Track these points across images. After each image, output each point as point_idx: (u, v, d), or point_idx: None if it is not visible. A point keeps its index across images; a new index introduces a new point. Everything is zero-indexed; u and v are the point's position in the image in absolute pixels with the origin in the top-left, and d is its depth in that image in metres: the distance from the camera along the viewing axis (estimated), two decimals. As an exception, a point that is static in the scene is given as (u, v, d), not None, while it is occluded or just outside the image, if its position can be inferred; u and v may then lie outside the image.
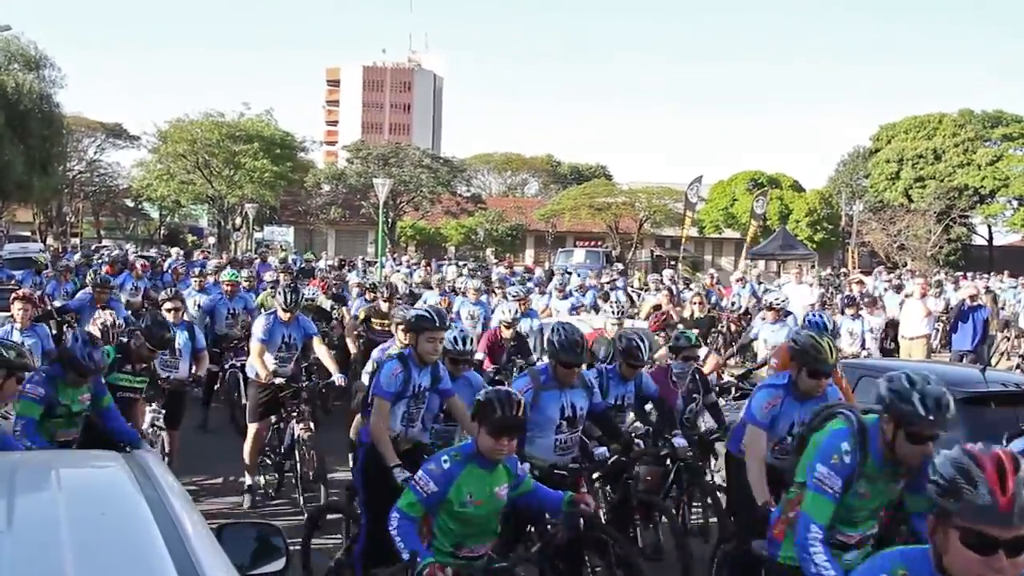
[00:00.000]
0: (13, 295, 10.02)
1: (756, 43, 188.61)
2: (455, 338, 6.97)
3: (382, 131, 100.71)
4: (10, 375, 5.65)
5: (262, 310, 12.27)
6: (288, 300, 9.51)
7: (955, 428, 7.01)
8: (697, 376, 7.97)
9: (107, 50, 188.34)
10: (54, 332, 11.48)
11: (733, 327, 19.53)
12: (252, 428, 9.33)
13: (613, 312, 10.84)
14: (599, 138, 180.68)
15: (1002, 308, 22.75)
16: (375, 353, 9.32)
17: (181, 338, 9.93)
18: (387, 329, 11.21)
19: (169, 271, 20.45)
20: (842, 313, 14.30)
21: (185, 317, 10.84)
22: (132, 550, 2.44)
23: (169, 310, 10.19)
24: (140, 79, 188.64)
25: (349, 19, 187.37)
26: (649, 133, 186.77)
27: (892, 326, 16.93)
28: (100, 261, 23.52)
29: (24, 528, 2.56)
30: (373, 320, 12.69)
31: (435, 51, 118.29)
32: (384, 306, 12.56)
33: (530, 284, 20.70)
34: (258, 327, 9.48)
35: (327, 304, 15.29)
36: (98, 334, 8.58)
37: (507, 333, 11.02)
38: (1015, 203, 57.77)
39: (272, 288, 14.27)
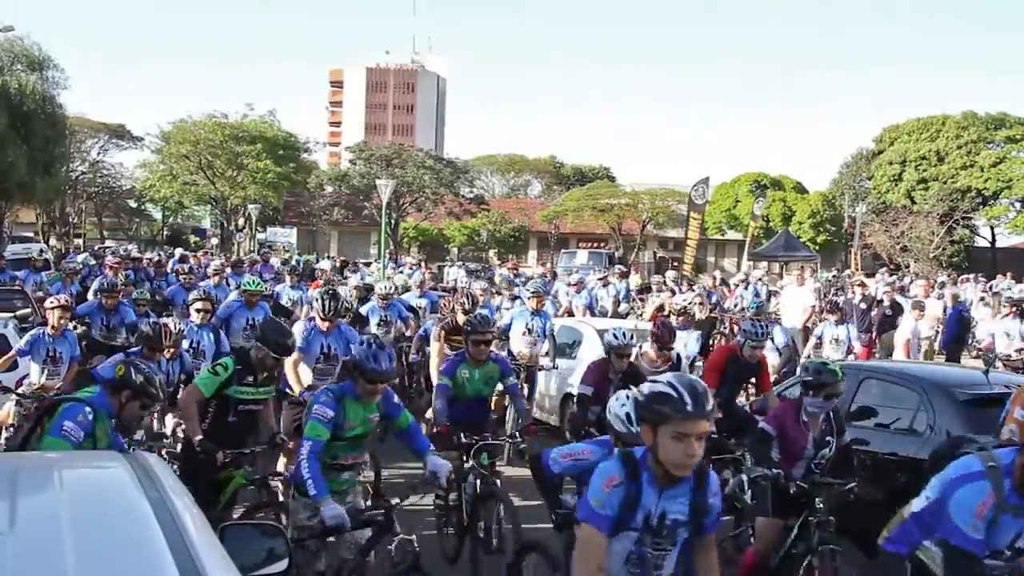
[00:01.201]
0: (53, 303, 9.85)
1: (759, 45, 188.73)
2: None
3: (385, 132, 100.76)
4: (134, 397, 5.73)
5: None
6: (327, 307, 8.81)
7: (960, 430, 7.02)
8: (832, 416, 6.60)
9: (110, 51, 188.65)
10: None
11: (735, 329, 19.52)
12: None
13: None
14: (602, 139, 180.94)
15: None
16: (442, 366, 8.31)
17: (207, 339, 9.89)
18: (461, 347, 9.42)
19: (172, 271, 20.44)
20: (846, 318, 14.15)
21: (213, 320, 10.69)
22: (134, 551, 2.43)
23: (198, 311, 10.01)
24: (143, 80, 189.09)
25: (352, 21, 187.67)
26: (652, 135, 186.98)
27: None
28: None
29: (26, 529, 2.56)
30: (452, 338, 10.32)
31: (438, 52, 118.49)
32: (462, 320, 9.93)
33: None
34: (295, 334, 8.63)
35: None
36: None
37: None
38: (1018, 205, 57.67)
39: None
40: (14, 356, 9.50)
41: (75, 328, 12.45)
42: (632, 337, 8.21)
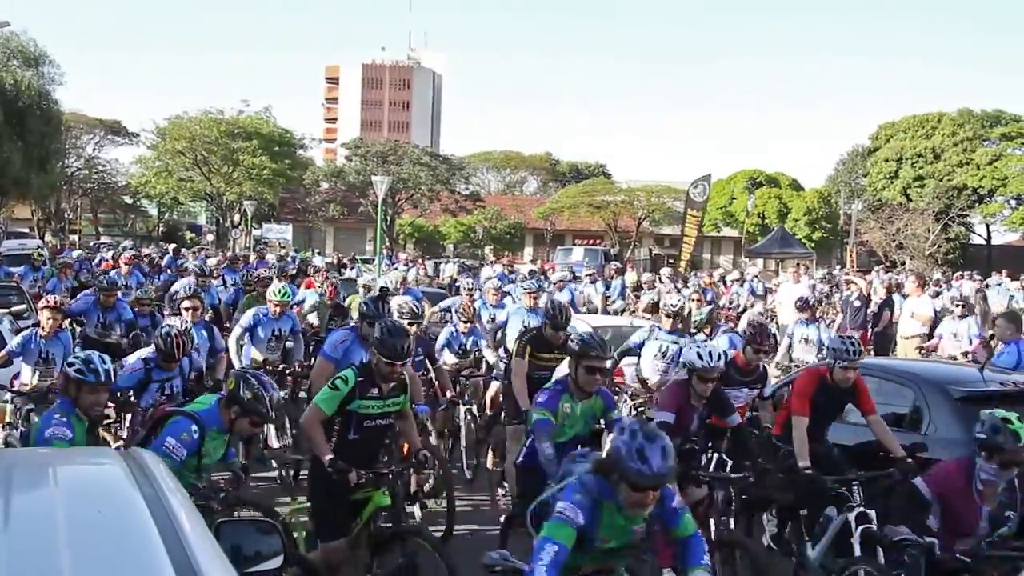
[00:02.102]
0: (43, 304, 9.62)
1: (755, 42, 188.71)
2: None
3: (381, 129, 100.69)
4: (243, 414, 5.66)
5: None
6: (376, 311, 7.66)
7: (955, 427, 7.03)
8: (1017, 484, 5.32)
9: (106, 47, 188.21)
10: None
11: (732, 326, 19.48)
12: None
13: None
14: (598, 136, 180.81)
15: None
16: (539, 397, 6.48)
17: (199, 337, 9.50)
18: (553, 365, 8.12)
19: (166, 268, 20.39)
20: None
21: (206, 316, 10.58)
22: (129, 548, 2.43)
23: (187, 308, 9.81)
24: (139, 76, 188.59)
25: (348, 17, 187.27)
26: (648, 132, 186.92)
27: None
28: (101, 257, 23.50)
29: (21, 526, 2.56)
30: (538, 355, 8.40)
31: (434, 49, 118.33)
32: (557, 336, 8.19)
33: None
34: (332, 344, 7.73)
35: (314, 317, 13.99)
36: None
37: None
38: (1013, 202, 57.77)
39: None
40: (5, 357, 9.34)
41: (71, 327, 12.39)
42: (719, 358, 6.84)
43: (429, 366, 9.68)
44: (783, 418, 7.43)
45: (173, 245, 31.17)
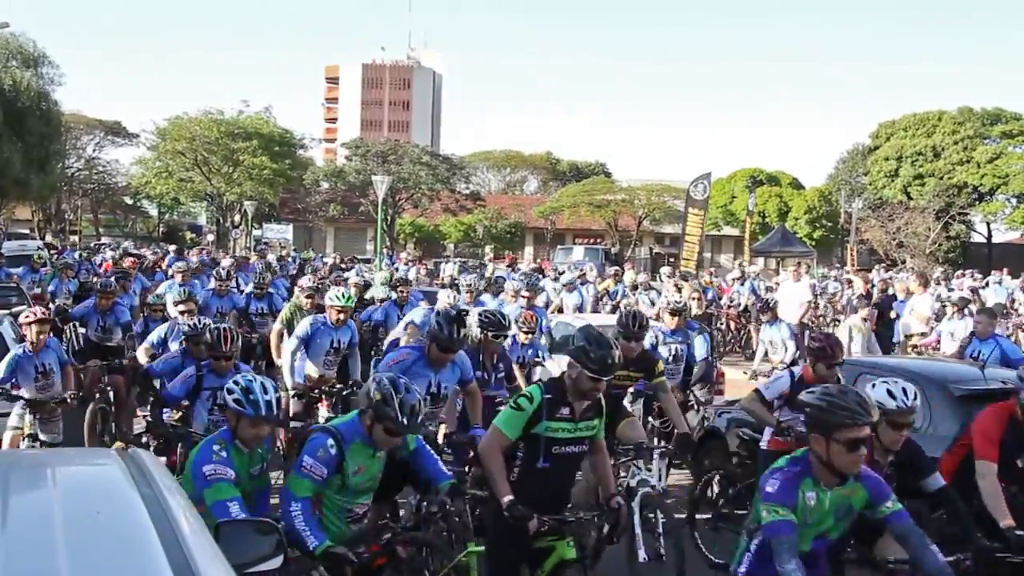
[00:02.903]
0: (30, 317, 8.96)
1: (756, 41, 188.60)
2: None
3: (381, 128, 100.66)
4: (377, 420, 4.87)
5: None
6: (449, 334, 6.70)
7: (955, 425, 7.02)
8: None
9: (106, 48, 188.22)
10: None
11: (733, 324, 19.46)
12: None
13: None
14: (598, 135, 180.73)
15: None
16: (767, 484, 4.66)
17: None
18: (627, 384, 7.62)
19: (165, 270, 20.31)
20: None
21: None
22: (127, 548, 2.43)
23: (183, 312, 9.59)
24: (139, 77, 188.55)
25: (348, 17, 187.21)
26: (648, 130, 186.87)
27: None
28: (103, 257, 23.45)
29: (18, 527, 2.55)
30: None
31: (434, 49, 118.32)
32: (631, 348, 7.36)
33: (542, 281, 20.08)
34: (387, 366, 6.71)
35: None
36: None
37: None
38: (1014, 201, 57.76)
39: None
40: (3, 389, 8.60)
41: (73, 329, 12.25)
42: (915, 396, 5.05)
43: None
44: (952, 464, 5.99)
45: (174, 246, 31.19)
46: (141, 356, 9.61)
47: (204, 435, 6.65)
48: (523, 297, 12.25)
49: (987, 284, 26.82)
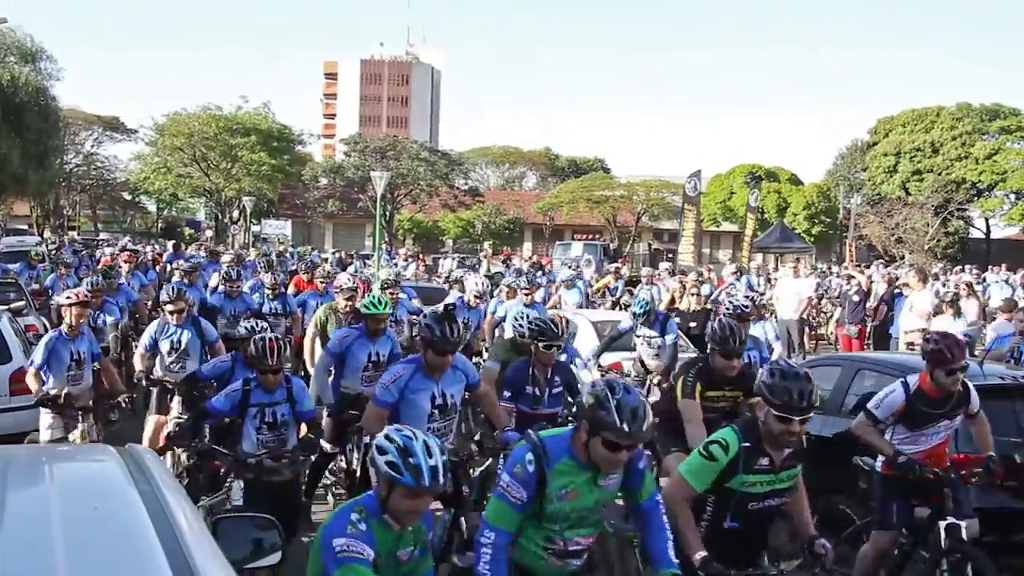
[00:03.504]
0: (72, 299, 8.52)
1: (755, 36, 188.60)
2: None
3: (380, 124, 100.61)
4: (591, 431, 3.94)
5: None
6: (442, 333, 5.97)
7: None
8: None
9: (104, 43, 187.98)
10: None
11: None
12: None
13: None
14: (597, 131, 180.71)
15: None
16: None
17: (186, 336, 9.00)
18: (724, 406, 6.83)
19: (163, 266, 20.20)
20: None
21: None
22: (125, 545, 2.42)
23: (171, 312, 9.07)
24: (137, 72, 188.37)
25: (347, 13, 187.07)
26: (647, 126, 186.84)
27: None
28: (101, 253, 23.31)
29: (15, 523, 2.54)
30: (709, 392, 6.75)
31: (433, 45, 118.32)
32: (731, 366, 6.66)
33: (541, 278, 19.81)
34: (383, 386, 6.13)
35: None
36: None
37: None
38: (1012, 197, 57.79)
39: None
40: (38, 377, 8.14)
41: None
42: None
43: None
44: None
45: (172, 241, 31.12)
46: (137, 361, 9.18)
47: (251, 455, 6.18)
48: (523, 294, 12.09)
49: (984, 280, 26.84)
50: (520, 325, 7.61)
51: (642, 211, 58.99)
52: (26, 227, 51.74)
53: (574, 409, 6.37)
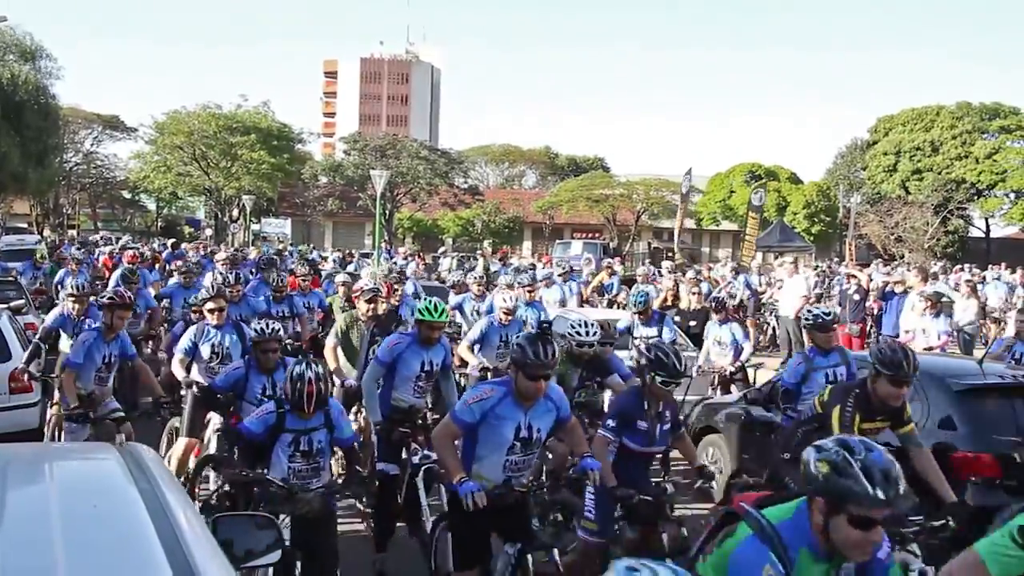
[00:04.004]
0: (114, 299, 8.14)
1: (755, 35, 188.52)
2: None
3: (379, 123, 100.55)
4: (831, 506, 3.04)
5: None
6: (536, 354, 5.18)
7: (953, 419, 7.02)
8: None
9: (104, 42, 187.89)
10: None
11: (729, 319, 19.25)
12: None
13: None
14: (597, 130, 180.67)
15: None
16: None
17: (229, 340, 8.59)
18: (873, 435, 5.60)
19: (159, 266, 20.06)
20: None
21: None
22: (124, 543, 2.42)
23: (211, 311, 8.66)
24: (137, 71, 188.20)
25: (346, 11, 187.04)
26: (647, 125, 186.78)
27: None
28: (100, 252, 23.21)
29: (15, 521, 2.55)
30: (864, 422, 5.82)
31: (432, 43, 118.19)
32: (898, 393, 5.68)
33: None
34: (464, 405, 5.41)
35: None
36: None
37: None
38: (1012, 196, 57.80)
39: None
40: (72, 373, 7.82)
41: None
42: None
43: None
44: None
45: (172, 240, 31.10)
46: (177, 369, 8.63)
47: (283, 486, 5.70)
48: (525, 292, 12.04)
49: (983, 280, 26.85)
50: (641, 352, 6.30)
51: (642, 210, 58.95)
52: (26, 225, 51.77)
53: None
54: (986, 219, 60.98)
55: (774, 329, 19.79)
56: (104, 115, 64.56)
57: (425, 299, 7.86)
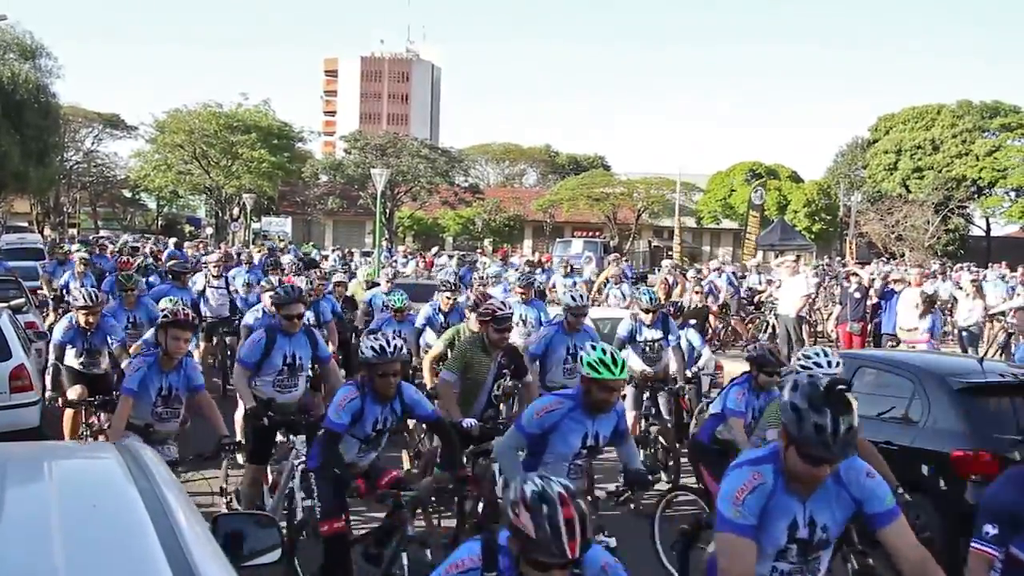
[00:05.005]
0: (168, 318, 6.70)
1: (755, 33, 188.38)
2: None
3: (380, 121, 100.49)
4: None
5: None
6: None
7: (954, 419, 7.03)
8: None
9: (104, 40, 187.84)
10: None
11: (712, 319, 19.01)
12: None
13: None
14: (597, 128, 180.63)
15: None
16: None
17: (301, 350, 7.45)
18: None
19: (163, 264, 19.95)
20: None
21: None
22: (124, 542, 2.41)
23: (288, 317, 7.48)
24: (138, 69, 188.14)
25: (347, 10, 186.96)
26: (647, 124, 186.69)
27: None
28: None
29: (14, 520, 2.54)
30: None
31: (433, 42, 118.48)
32: None
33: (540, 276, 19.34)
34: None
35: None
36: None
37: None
38: (1013, 194, 57.79)
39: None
40: (128, 402, 6.45)
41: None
42: None
43: None
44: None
45: (174, 239, 31.06)
46: (240, 382, 7.69)
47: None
48: (518, 293, 11.85)
49: (985, 278, 26.86)
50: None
51: (642, 208, 58.95)
52: (26, 224, 51.75)
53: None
54: (987, 218, 60.98)
55: (773, 327, 19.80)
56: (104, 114, 64.55)
57: (598, 347, 5.36)
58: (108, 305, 10.19)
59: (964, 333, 17.54)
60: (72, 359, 9.04)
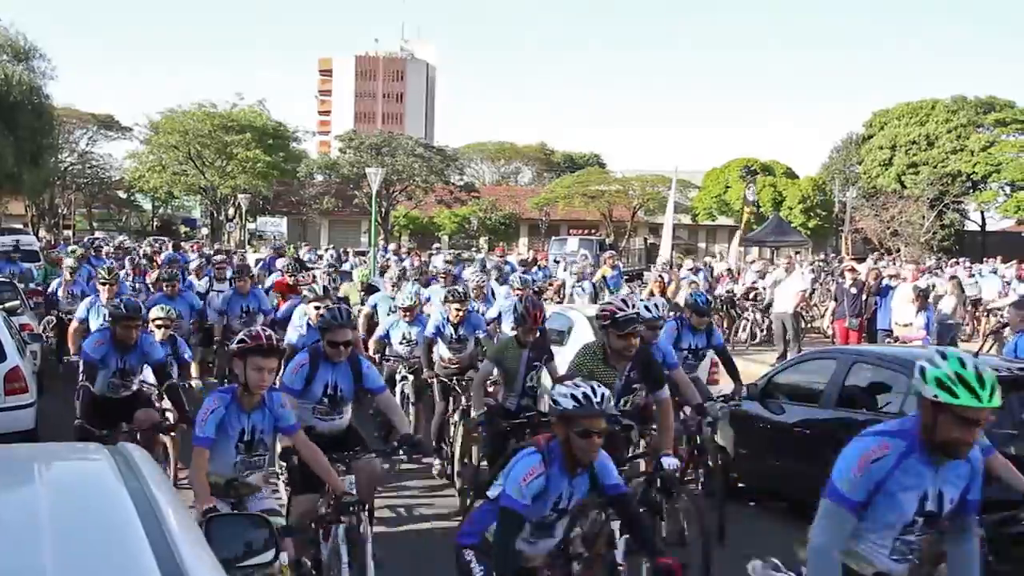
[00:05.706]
0: (246, 343, 5.23)
1: (749, 30, 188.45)
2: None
3: (375, 121, 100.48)
4: None
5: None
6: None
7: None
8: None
9: (98, 41, 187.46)
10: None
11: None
12: None
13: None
14: (592, 126, 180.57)
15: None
16: None
17: (343, 377, 6.51)
18: None
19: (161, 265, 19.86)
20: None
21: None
22: (113, 543, 2.40)
23: (338, 345, 6.43)
24: (132, 70, 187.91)
25: (341, 9, 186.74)
26: (642, 121, 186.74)
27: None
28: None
29: (3, 521, 2.53)
30: None
31: (427, 40, 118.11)
32: None
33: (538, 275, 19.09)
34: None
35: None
36: None
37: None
38: (1007, 189, 57.85)
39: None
40: (203, 452, 5.18)
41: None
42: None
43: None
44: None
45: (172, 241, 30.98)
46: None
47: None
48: (515, 292, 11.90)
49: (980, 273, 26.90)
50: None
51: (638, 206, 59.00)
52: (21, 226, 51.66)
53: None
54: (982, 213, 61.05)
55: (769, 324, 19.82)
56: (99, 115, 64.53)
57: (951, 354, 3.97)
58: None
59: (937, 326, 17.58)
60: (99, 381, 7.47)
